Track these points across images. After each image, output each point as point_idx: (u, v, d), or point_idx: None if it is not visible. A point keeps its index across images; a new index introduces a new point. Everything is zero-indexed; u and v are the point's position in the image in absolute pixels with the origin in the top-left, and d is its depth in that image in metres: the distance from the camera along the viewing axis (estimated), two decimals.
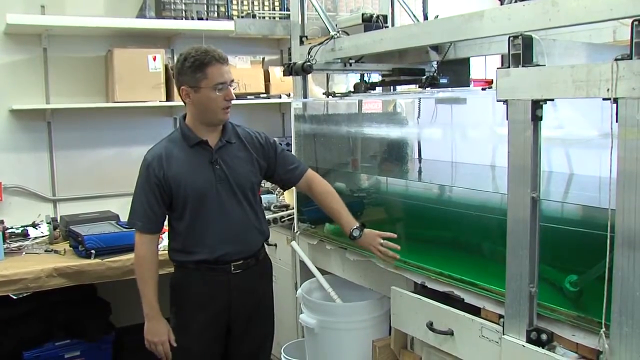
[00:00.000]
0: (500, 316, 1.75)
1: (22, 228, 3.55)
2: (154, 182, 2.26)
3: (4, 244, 3.19)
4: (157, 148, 2.34)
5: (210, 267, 2.32)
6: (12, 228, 3.53)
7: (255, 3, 4.10)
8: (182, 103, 2.36)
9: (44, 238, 3.48)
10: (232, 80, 2.29)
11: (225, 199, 2.32)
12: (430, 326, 1.95)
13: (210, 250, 2.30)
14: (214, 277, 2.33)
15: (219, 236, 2.31)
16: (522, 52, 1.56)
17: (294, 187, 2.64)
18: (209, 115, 2.29)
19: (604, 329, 1.43)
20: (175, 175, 2.27)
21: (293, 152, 2.96)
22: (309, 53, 2.59)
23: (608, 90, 1.35)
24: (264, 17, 4.05)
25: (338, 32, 2.59)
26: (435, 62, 2.67)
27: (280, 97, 4.27)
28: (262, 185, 2.80)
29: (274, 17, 4.09)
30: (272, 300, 2.56)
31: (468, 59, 2.64)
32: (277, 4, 4.16)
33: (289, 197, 3.39)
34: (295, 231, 2.96)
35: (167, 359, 2.32)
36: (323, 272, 2.73)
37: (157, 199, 2.28)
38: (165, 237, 2.74)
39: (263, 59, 4.35)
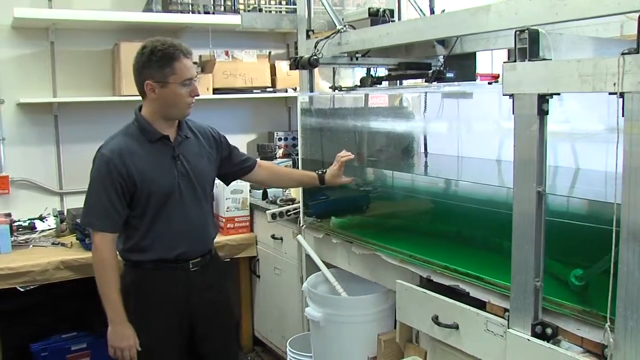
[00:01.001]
0: (506, 310, 1.75)
1: (29, 221, 3.58)
2: (116, 179, 2.15)
3: (11, 237, 3.21)
4: (114, 143, 2.21)
5: (169, 266, 2.26)
6: (19, 221, 3.56)
7: None
8: None
9: (50, 231, 3.51)
10: (196, 76, 2.24)
11: (187, 196, 2.26)
12: (435, 320, 1.95)
13: (169, 247, 2.24)
14: (173, 276, 2.27)
15: (178, 234, 2.25)
16: (528, 47, 1.56)
17: (248, 181, 2.73)
18: (174, 111, 2.23)
19: (608, 323, 1.43)
20: (140, 172, 2.18)
21: (299, 147, 2.97)
22: (315, 47, 2.59)
23: (614, 84, 1.35)
24: (270, 11, 4.04)
25: (344, 26, 2.58)
26: (442, 57, 2.67)
27: (286, 91, 4.27)
28: None
29: (281, 11, 4.08)
30: (229, 293, 2.55)
31: (474, 54, 2.64)
32: None
33: (295, 191, 3.39)
34: (301, 225, 2.97)
35: None
36: (329, 266, 2.74)
37: (119, 196, 2.17)
38: None
39: (269, 53, 4.35)
